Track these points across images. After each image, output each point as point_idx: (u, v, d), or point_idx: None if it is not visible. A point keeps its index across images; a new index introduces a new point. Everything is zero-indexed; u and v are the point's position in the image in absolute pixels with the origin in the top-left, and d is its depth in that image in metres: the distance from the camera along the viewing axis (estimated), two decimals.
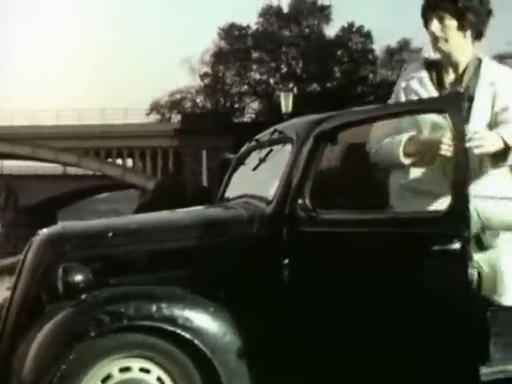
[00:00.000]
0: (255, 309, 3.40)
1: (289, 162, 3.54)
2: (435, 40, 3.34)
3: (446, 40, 3.32)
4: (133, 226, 3.80)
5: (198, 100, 53.16)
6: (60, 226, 3.79)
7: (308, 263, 3.45)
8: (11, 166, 65.88)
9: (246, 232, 3.50)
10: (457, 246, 3.02)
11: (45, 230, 3.75)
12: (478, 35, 3.38)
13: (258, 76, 51.74)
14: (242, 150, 4.47)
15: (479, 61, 3.43)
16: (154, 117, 53.64)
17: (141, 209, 4.75)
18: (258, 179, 3.99)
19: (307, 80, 48.59)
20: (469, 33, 3.34)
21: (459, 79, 3.40)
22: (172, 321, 3.22)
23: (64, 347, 3.17)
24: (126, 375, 3.27)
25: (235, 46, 50.24)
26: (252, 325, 3.36)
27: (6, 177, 61.96)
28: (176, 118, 50.72)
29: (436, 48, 3.38)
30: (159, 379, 3.29)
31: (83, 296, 3.28)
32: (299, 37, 49.27)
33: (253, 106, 51.83)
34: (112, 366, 3.25)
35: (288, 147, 3.67)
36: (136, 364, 3.28)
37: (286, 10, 50.10)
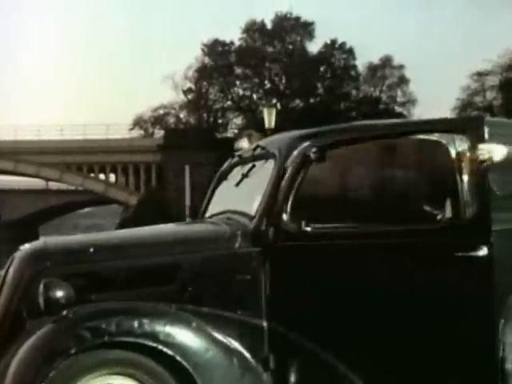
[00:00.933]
0: (238, 324, 3.40)
1: (271, 177, 3.55)
2: None
3: None
4: (114, 241, 3.78)
5: (181, 115, 53.11)
6: (41, 241, 3.76)
7: (292, 277, 3.47)
8: None
9: (228, 247, 3.50)
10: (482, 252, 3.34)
11: (26, 246, 3.72)
12: None
13: (241, 91, 51.83)
14: (225, 165, 4.47)
15: None
16: (137, 132, 53.51)
17: (123, 224, 4.74)
18: (241, 195, 3.99)
19: (290, 96, 48.70)
20: None
21: None
22: (154, 337, 3.21)
23: (45, 364, 3.15)
24: None
25: (219, 62, 50.33)
26: (234, 340, 3.35)
27: None
28: (159, 133, 50.62)
29: None
30: None
31: (64, 312, 3.26)
32: (282, 53, 49.45)
33: (236, 122, 51.86)
34: (94, 383, 3.22)
35: (271, 163, 3.68)
36: (117, 381, 3.25)
37: (269, 26, 50.31)
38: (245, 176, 3.93)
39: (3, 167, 52.58)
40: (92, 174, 50.55)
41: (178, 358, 3.21)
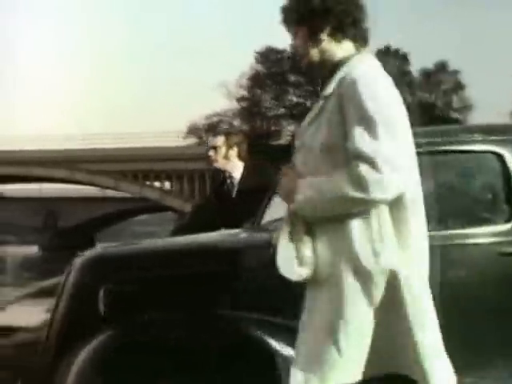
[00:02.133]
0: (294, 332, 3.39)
1: None
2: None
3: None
4: (170, 249, 3.81)
5: (234, 123, 53.44)
6: (100, 248, 3.82)
7: None
8: (50, 188, 66.78)
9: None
10: None
11: (85, 253, 3.78)
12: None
13: (295, 99, 51.89)
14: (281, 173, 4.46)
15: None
16: (191, 140, 53.98)
17: (178, 231, 4.77)
18: None
19: None
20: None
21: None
22: None
23: (104, 372, 3.20)
24: None
25: (272, 70, 50.48)
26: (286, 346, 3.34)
27: (46, 199, 62.72)
28: None
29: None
30: None
31: (123, 319, 3.30)
32: None
33: (290, 129, 51.89)
34: None
35: None
36: None
37: None
38: None
39: (60, 175, 53.53)
40: (147, 182, 51.13)
41: None
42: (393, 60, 48.00)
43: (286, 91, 51.42)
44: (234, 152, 5.14)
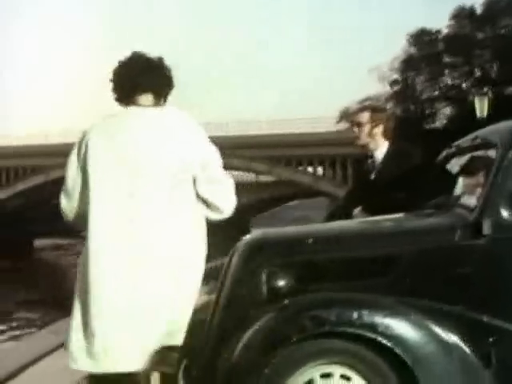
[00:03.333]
0: (458, 318, 3.32)
1: (494, 168, 3.43)
2: None
3: None
4: (332, 233, 3.83)
5: (387, 107, 52.68)
6: (261, 232, 3.88)
7: None
8: None
9: (448, 240, 3.43)
10: None
11: (247, 236, 3.86)
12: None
13: (449, 81, 50.43)
14: (441, 155, 4.38)
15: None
16: (344, 125, 53.71)
17: (331, 216, 4.74)
18: (459, 186, 3.89)
19: (503, 83, 46.63)
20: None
21: None
22: (373, 328, 3.21)
23: (268, 351, 3.25)
24: (328, 381, 3.29)
25: (425, 51, 49.25)
26: (453, 335, 3.28)
27: None
28: None
29: None
30: None
31: (286, 301, 3.35)
32: (494, 38, 47.45)
33: (444, 112, 50.54)
34: (314, 372, 3.29)
35: (491, 153, 3.55)
36: (337, 370, 3.29)
37: (479, 11, 48.51)
38: (463, 167, 3.83)
39: None
40: (300, 167, 51.50)
41: (398, 350, 3.19)
42: None
43: (441, 73, 50.06)
44: (378, 130, 4.86)
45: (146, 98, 3.48)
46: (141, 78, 3.43)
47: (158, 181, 3.32)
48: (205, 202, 3.49)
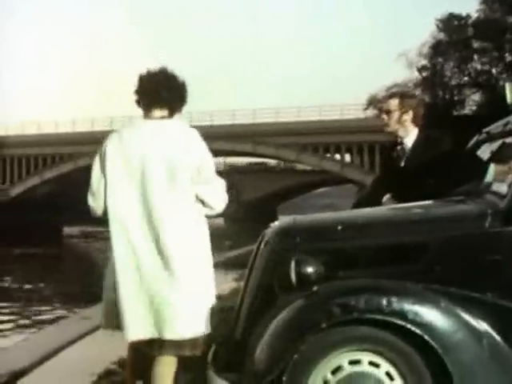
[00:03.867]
0: (487, 305, 3.30)
1: None
2: None
3: None
4: (361, 220, 3.82)
5: (416, 93, 52.22)
6: (291, 219, 3.88)
7: None
8: (233, 161, 68.77)
9: (478, 227, 3.40)
10: None
11: (276, 223, 3.86)
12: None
13: (479, 66, 49.87)
14: (472, 142, 4.34)
15: None
16: (372, 112, 53.43)
17: (359, 204, 4.70)
18: (490, 172, 3.86)
19: None
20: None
21: None
22: (402, 315, 3.19)
23: (296, 337, 3.26)
24: (356, 368, 3.28)
25: (454, 37, 48.73)
26: (483, 322, 3.26)
27: (229, 172, 64.73)
28: None
29: None
30: (388, 374, 3.28)
31: (314, 288, 3.35)
32: None
33: (473, 98, 50.03)
34: (342, 358, 3.29)
35: None
36: (366, 357, 3.29)
37: None
38: (495, 153, 3.79)
39: (243, 149, 54.98)
40: (328, 155, 51.37)
41: (427, 337, 3.17)
42: None
43: (470, 58, 49.52)
44: (408, 116, 4.80)
45: (161, 112, 3.93)
46: (161, 95, 3.91)
47: (162, 182, 3.76)
48: (201, 200, 3.88)
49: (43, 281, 22.56)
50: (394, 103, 4.83)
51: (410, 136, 4.82)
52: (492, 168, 3.94)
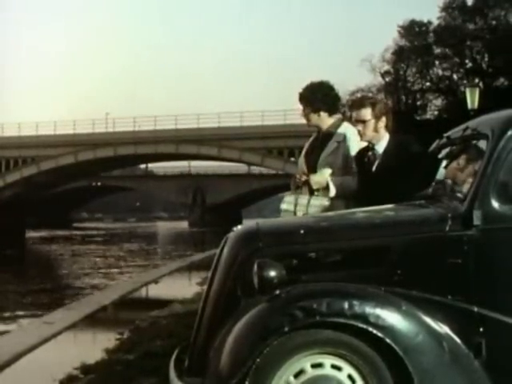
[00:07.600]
0: (448, 308, 3.34)
1: (484, 159, 3.44)
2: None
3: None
4: (324, 223, 3.84)
5: (379, 98, 52.54)
6: (254, 223, 3.88)
7: (504, 261, 3.38)
8: (198, 166, 68.61)
9: (438, 230, 3.44)
10: None
11: (239, 227, 3.86)
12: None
13: (440, 72, 50.38)
14: (432, 146, 4.39)
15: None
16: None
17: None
18: (450, 177, 3.90)
19: (494, 74, 46.66)
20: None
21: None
22: (364, 318, 3.22)
23: (259, 341, 3.26)
24: (318, 371, 3.30)
25: (416, 43, 49.22)
26: (444, 325, 3.30)
27: (194, 176, 64.54)
28: None
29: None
30: (350, 377, 3.30)
31: (277, 291, 3.36)
32: (485, 29, 47.44)
33: (436, 103, 50.53)
34: (304, 362, 3.30)
35: (482, 144, 3.56)
36: (328, 361, 3.30)
37: (469, 2, 48.48)
38: (454, 158, 3.84)
39: (208, 153, 54.87)
40: (292, 158, 51.48)
41: (388, 340, 3.20)
42: None
43: (432, 64, 50.02)
44: (382, 123, 4.80)
45: None
46: None
47: None
48: None
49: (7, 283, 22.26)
50: (367, 112, 4.81)
51: (381, 142, 4.84)
52: (452, 172, 3.99)
